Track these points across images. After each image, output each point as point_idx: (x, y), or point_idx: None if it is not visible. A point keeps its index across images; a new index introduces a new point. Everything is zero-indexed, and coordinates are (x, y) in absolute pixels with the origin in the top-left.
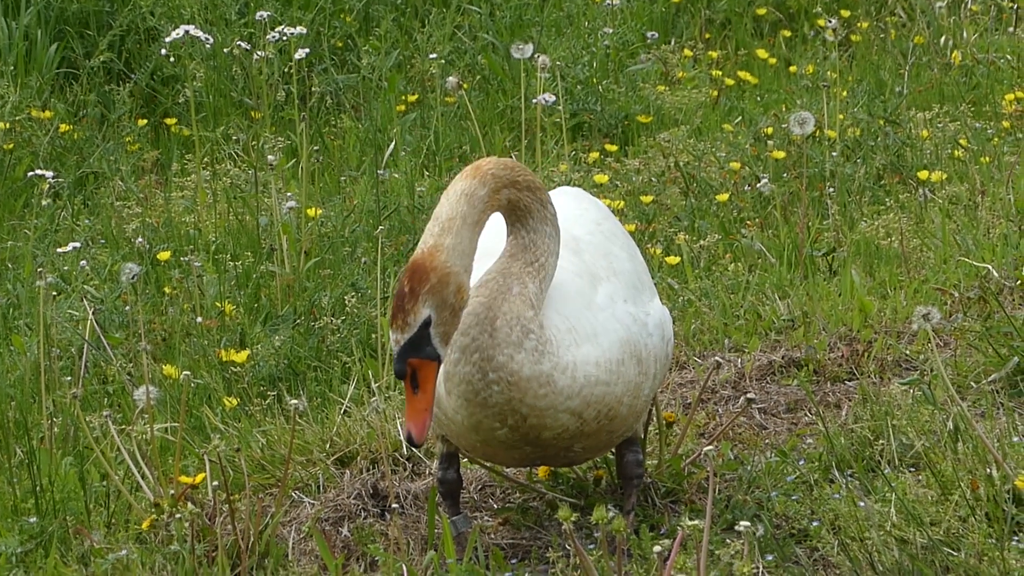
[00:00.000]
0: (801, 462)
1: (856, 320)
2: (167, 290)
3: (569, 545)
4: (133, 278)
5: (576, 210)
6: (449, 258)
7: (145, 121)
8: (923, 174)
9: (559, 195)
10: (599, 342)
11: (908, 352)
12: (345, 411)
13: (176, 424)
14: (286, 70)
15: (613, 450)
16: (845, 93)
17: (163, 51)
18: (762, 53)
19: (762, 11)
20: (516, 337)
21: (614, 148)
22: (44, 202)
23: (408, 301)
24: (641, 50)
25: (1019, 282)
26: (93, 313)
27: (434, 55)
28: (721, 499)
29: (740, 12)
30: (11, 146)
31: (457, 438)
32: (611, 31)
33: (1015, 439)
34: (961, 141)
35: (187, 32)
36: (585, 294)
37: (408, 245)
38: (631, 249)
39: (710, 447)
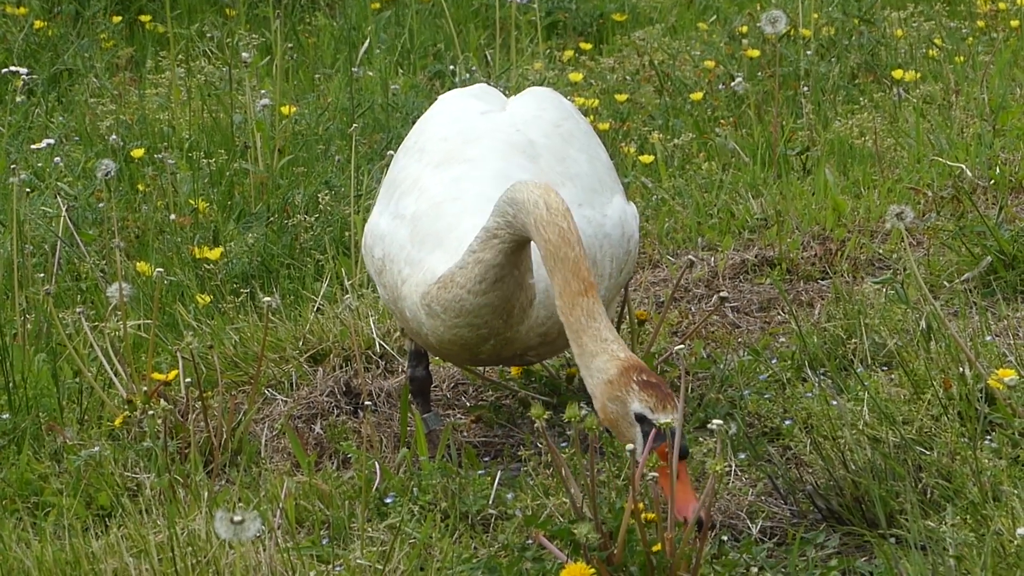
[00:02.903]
0: (774, 361)
1: (829, 219)
2: (141, 187)
3: (541, 443)
4: (107, 175)
5: (535, 111)
6: None
7: (120, 18)
8: (897, 73)
9: (524, 96)
10: None
11: (881, 251)
12: (318, 309)
13: (149, 321)
14: None
15: None
16: None
17: None
18: None
19: None
20: (525, 312)
21: (588, 47)
22: (18, 99)
23: (668, 387)
24: None
25: (992, 181)
26: (67, 210)
27: None
28: (694, 397)
29: None
30: None
31: (416, 337)
32: None
33: (987, 338)
34: (935, 40)
35: None
36: None
37: (381, 144)
38: (592, 149)
39: (683, 346)
